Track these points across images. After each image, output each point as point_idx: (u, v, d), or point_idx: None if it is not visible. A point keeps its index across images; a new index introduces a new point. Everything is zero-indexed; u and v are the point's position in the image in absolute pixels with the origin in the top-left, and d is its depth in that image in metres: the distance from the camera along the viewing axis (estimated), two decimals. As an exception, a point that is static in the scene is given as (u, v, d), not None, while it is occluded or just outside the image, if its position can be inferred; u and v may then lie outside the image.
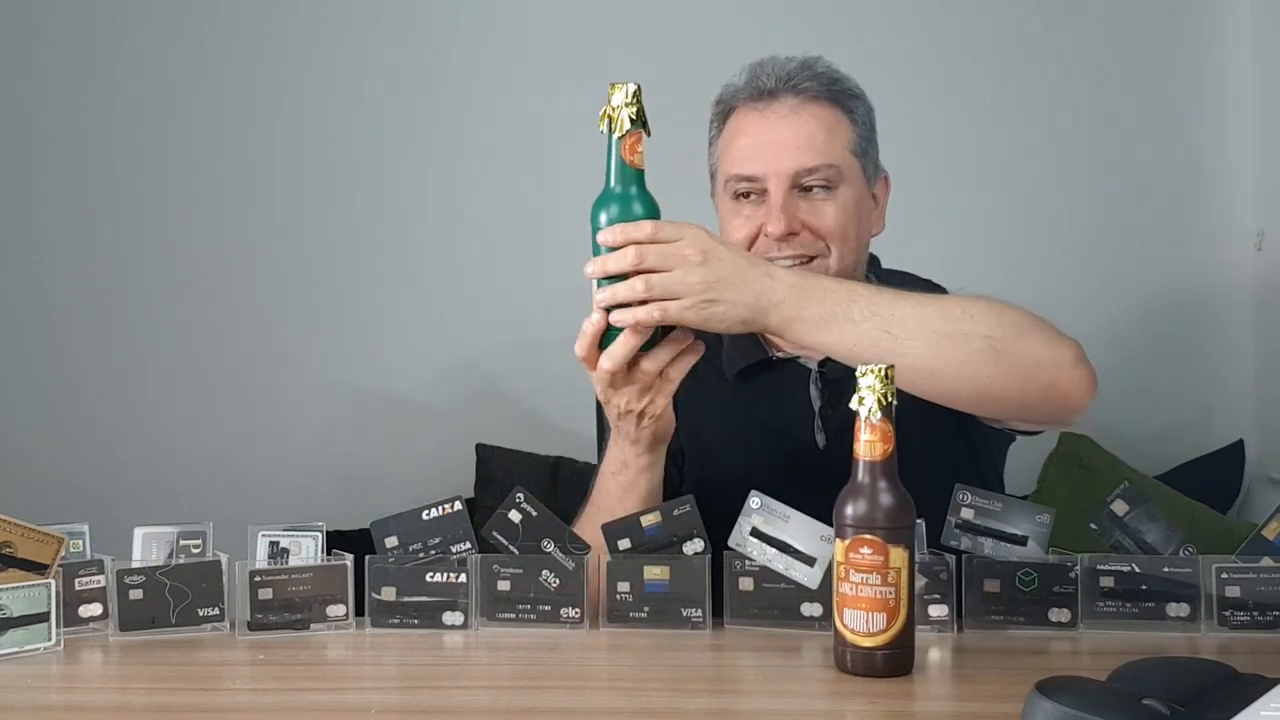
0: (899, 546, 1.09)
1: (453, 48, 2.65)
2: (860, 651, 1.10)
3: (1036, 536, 1.27)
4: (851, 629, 1.10)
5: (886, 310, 1.27)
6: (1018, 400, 1.33)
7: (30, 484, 2.31)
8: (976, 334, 1.27)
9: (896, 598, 1.09)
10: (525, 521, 1.31)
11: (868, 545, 1.09)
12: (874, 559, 1.08)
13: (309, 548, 1.30)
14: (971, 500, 1.28)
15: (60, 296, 2.66)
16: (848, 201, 1.49)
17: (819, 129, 1.48)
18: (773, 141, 1.48)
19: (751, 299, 1.24)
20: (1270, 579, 1.24)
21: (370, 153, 2.66)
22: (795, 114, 1.48)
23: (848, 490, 1.11)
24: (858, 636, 1.09)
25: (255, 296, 2.66)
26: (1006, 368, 1.28)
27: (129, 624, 1.27)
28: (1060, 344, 1.31)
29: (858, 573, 1.09)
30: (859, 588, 1.09)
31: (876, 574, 1.08)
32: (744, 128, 1.51)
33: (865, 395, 1.10)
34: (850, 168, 1.49)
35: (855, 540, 1.09)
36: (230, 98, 2.65)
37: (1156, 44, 2.62)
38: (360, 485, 2.50)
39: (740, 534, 1.28)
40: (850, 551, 1.09)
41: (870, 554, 1.08)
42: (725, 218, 1.53)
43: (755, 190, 1.49)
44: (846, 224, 1.48)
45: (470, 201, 2.65)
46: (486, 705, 1.09)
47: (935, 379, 1.29)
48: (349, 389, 2.67)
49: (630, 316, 1.22)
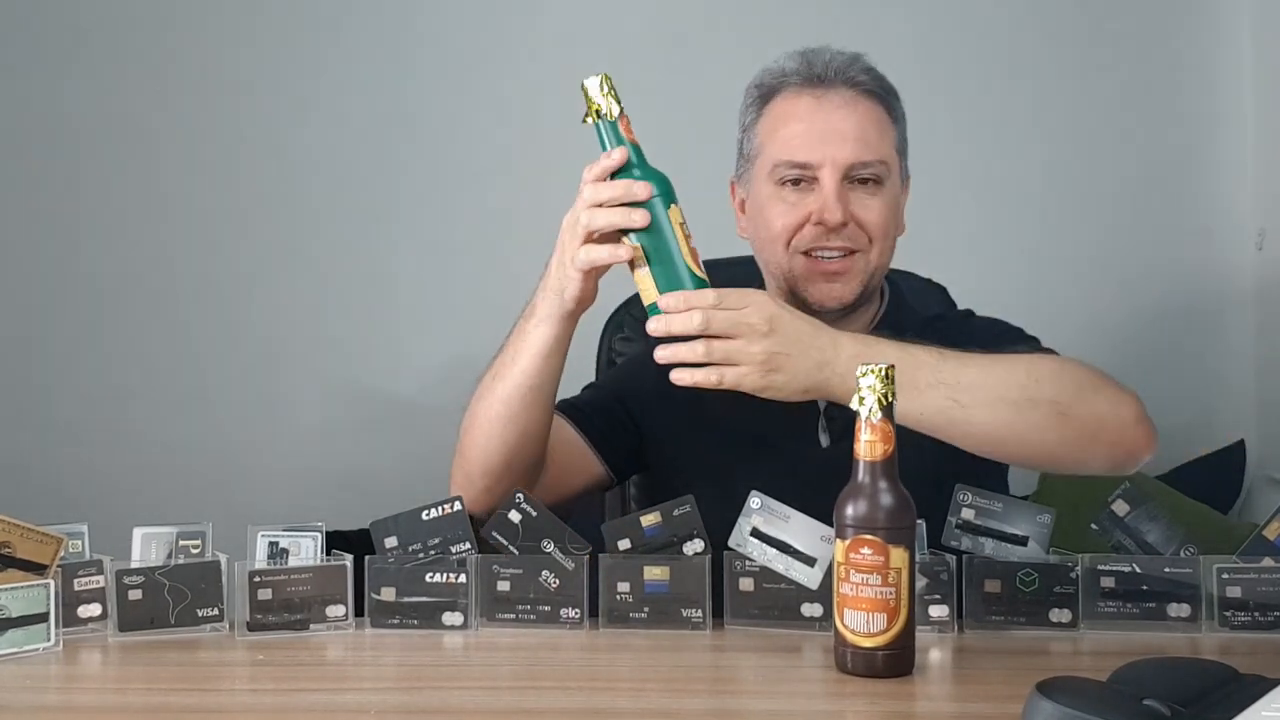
0: (899, 547, 1.08)
1: (453, 47, 2.65)
2: (861, 652, 1.09)
3: (1037, 537, 1.27)
4: (852, 629, 1.09)
5: (952, 377, 1.27)
6: (1080, 460, 1.35)
7: (30, 484, 2.31)
8: (1043, 399, 1.28)
9: (897, 598, 1.08)
10: (525, 522, 1.31)
11: (868, 545, 1.08)
12: (874, 559, 1.08)
13: (308, 548, 1.30)
14: (972, 500, 1.27)
15: (60, 296, 2.65)
16: (890, 199, 1.49)
17: (871, 124, 1.47)
18: (829, 130, 1.46)
19: (813, 368, 1.24)
20: (1271, 579, 1.24)
21: (370, 152, 2.66)
22: (851, 106, 1.47)
23: (848, 490, 1.11)
24: (858, 637, 1.09)
25: (255, 296, 2.66)
26: (1073, 431, 1.30)
27: (128, 624, 1.27)
28: (1122, 402, 1.33)
29: (858, 573, 1.09)
30: (859, 588, 1.09)
31: (877, 574, 1.08)
32: (797, 112, 1.48)
33: (865, 395, 1.10)
34: (893, 166, 1.49)
35: (855, 540, 1.09)
36: (231, 98, 2.65)
37: (1156, 44, 2.62)
38: (360, 485, 2.50)
39: (740, 534, 1.28)
40: (850, 552, 1.09)
41: (871, 554, 1.08)
42: (766, 203, 1.50)
43: (805, 178, 1.47)
44: (889, 221, 1.49)
45: (470, 201, 2.65)
46: (486, 705, 1.09)
47: (1001, 445, 1.31)
48: (349, 389, 2.67)
49: (689, 378, 1.23)
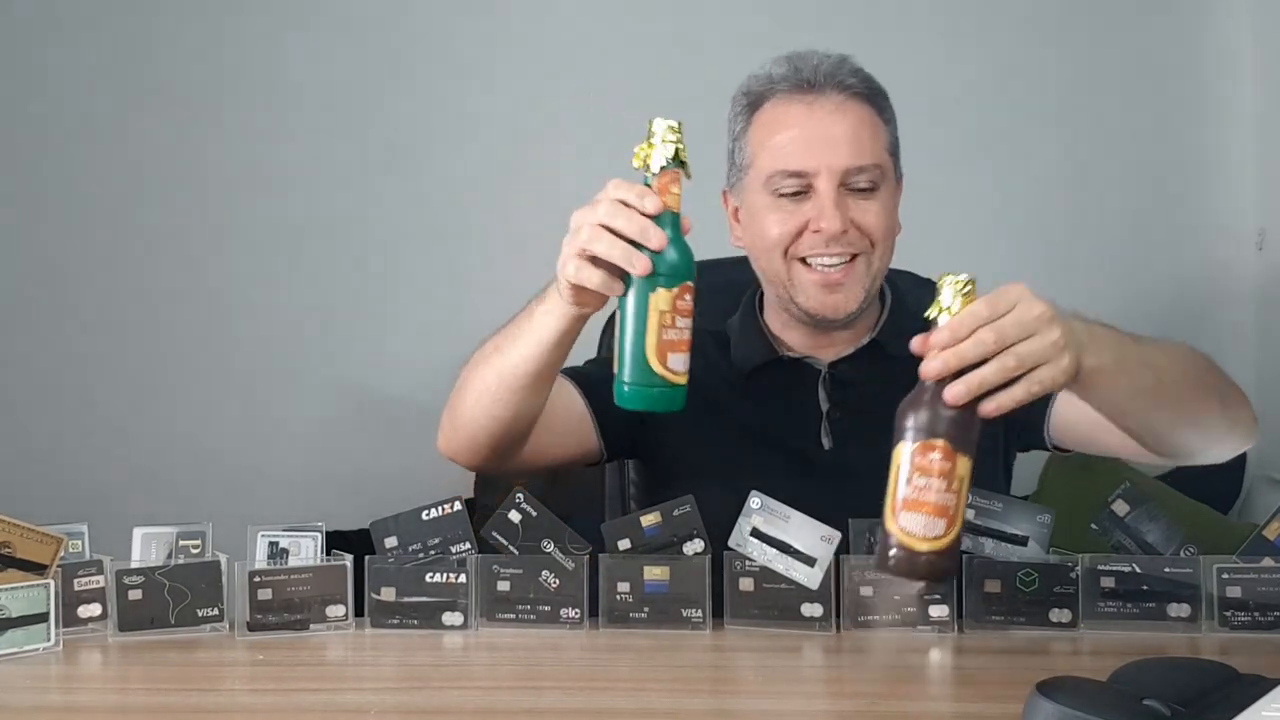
0: (965, 457, 1.07)
1: (452, 48, 2.65)
2: (915, 555, 1.07)
3: (1037, 537, 1.27)
4: (908, 531, 1.07)
5: (1152, 359, 1.24)
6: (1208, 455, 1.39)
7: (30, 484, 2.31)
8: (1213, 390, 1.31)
9: (956, 506, 1.07)
10: (525, 522, 1.31)
11: (937, 450, 1.06)
12: (943, 464, 1.06)
13: (308, 548, 1.30)
14: (972, 500, 1.27)
15: (60, 296, 2.65)
16: (887, 201, 1.47)
17: (863, 127, 1.45)
18: (823, 136, 1.43)
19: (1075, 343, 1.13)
20: (1271, 579, 1.24)
21: (370, 152, 2.66)
22: (842, 110, 1.45)
23: (915, 396, 1.09)
24: (914, 540, 1.06)
25: (255, 296, 2.66)
26: (1226, 427, 1.34)
27: (128, 624, 1.27)
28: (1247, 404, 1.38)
29: (923, 476, 1.06)
30: (922, 492, 1.06)
31: (943, 479, 1.06)
32: (789, 120, 1.45)
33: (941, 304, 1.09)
34: (887, 168, 1.48)
35: (925, 444, 1.07)
36: (233, 99, 2.65)
37: (1157, 43, 2.62)
38: (360, 485, 2.50)
39: (740, 534, 1.28)
40: (918, 455, 1.07)
41: (939, 459, 1.06)
42: (761, 212, 1.47)
43: (802, 187, 1.45)
44: (888, 224, 1.47)
45: (470, 201, 2.65)
46: (486, 706, 1.09)
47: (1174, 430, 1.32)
48: (349, 389, 2.67)
49: (1010, 401, 1.09)
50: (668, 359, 1.13)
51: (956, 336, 1.08)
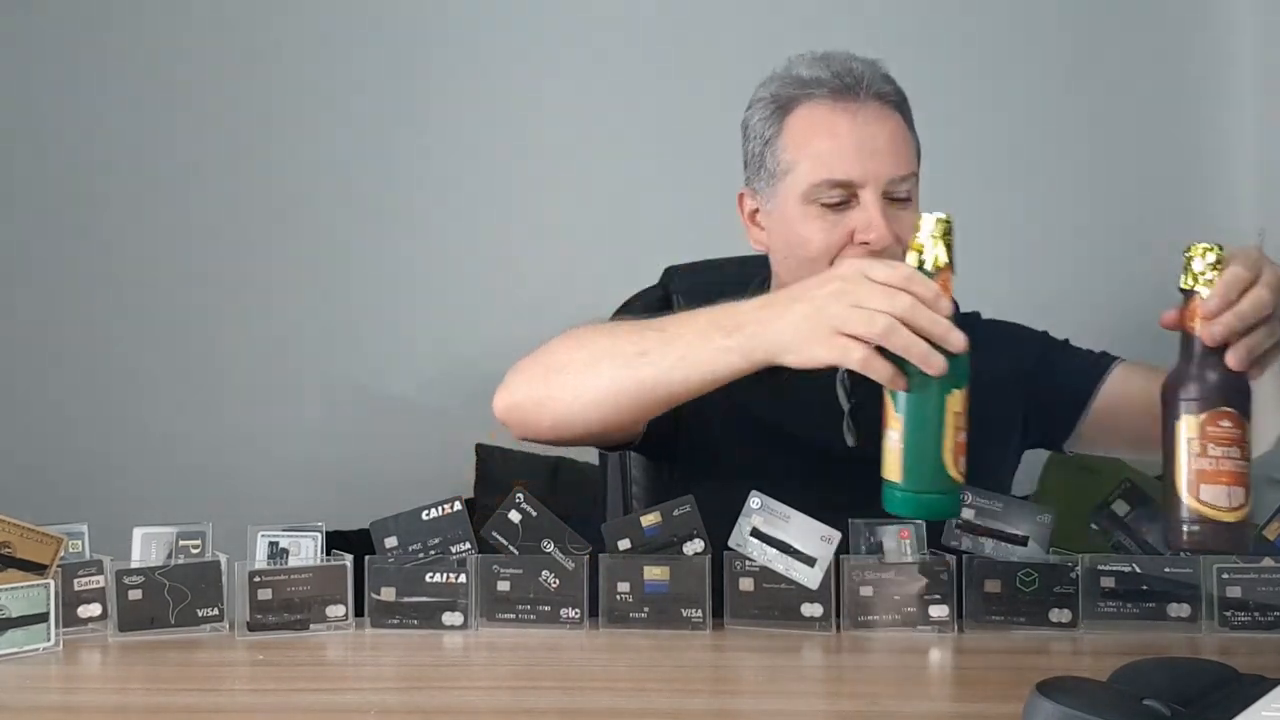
0: (1249, 422, 1.06)
1: (450, 47, 2.65)
2: (1220, 526, 1.06)
3: (1037, 537, 1.27)
4: (1212, 504, 1.06)
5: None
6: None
7: (30, 484, 2.31)
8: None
9: (1249, 472, 1.06)
10: (525, 522, 1.31)
11: (1228, 418, 1.05)
12: (1234, 432, 1.05)
13: (308, 548, 1.30)
14: (972, 500, 1.27)
15: (59, 297, 2.66)
16: (916, 209, 1.45)
17: (900, 137, 1.43)
18: (869, 146, 1.40)
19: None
20: (1271, 579, 1.24)
21: (368, 152, 2.66)
22: (883, 120, 1.42)
23: (1186, 368, 1.08)
24: (1219, 512, 1.05)
25: (254, 296, 2.66)
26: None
27: (128, 624, 1.27)
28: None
29: (1218, 446, 1.05)
30: (1220, 461, 1.05)
31: (1237, 447, 1.05)
32: (832, 128, 1.41)
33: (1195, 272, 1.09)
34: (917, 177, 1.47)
35: (1216, 414, 1.06)
36: (227, 95, 2.65)
37: (1157, 43, 2.62)
38: (360, 485, 2.50)
39: (740, 534, 1.28)
40: (1209, 425, 1.06)
41: (1230, 427, 1.05)
42: (799, 222, 1.43)
43: (846, 196, 1.41)
44: None
45: (469, 201, 2.65)
46: (486, 705, 1.09)
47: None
48: (349, 389, 2.67)
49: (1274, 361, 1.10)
50: (959, 462, 1.10)
51: (1228, 300, 1.08)
